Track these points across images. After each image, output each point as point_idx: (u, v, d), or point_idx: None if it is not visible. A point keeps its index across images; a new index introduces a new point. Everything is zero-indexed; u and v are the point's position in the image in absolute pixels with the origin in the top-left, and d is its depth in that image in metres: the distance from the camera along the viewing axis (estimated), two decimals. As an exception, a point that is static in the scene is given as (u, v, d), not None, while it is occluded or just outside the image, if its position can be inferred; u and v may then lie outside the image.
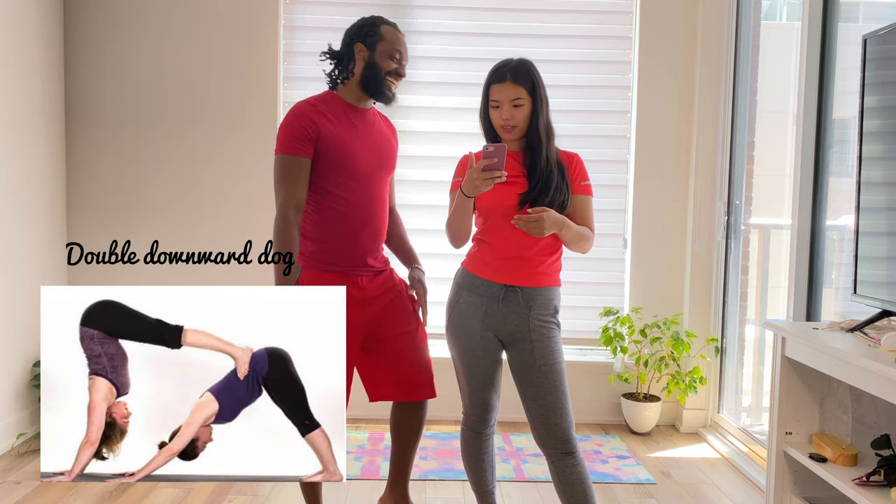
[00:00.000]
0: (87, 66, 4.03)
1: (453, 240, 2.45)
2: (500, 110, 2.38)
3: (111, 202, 4.08)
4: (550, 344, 2.36)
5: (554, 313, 2.41)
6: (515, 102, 2.36)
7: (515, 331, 2.38)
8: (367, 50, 2.50)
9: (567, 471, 2.36)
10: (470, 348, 2.43)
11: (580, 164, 2.46)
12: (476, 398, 2.47)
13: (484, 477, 2.57)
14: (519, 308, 2.37)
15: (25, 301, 3.65)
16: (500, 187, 2.34)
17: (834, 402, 2.63)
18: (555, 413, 2.34)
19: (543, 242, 2.37)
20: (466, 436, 2.54)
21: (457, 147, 4.16)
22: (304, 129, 2.43)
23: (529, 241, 2.35)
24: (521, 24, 4.13)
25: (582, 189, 2.42)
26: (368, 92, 2.52)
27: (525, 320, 2.37)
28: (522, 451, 3.67)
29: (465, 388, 2.49)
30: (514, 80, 2.37)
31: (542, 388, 2.35)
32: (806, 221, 3.11)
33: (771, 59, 4.00)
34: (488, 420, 2.51)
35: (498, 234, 2.39)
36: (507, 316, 2.38)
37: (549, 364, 2.35)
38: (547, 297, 2.39)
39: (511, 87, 2.37)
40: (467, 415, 2.52)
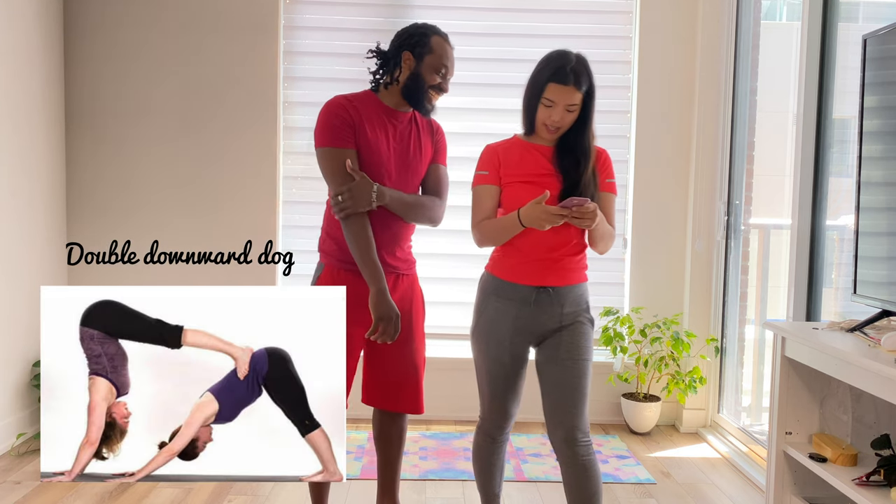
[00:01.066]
0: (87, 66, 4.03)
1: (484, 244, 2.44)
2: (552, 110, 2.30)
3: (111, 202, 4.08)
4: (580, 340, 2.35)
5: (586, 309, 2.40)
6: (570, 108, 2.29)
7: (547, 330, 2.36)
8: (413, 60, 2.46)
9: (570, 465, 2.31)
10: (497, 356, 2.39)
11: (608, 161, 2.42)
12: (496, 404, 2.43)
13: (492, 481, 2.54)
14: (551, 308, 2.34)
15: (25, 301, 3.65)
16: (532, 189, 2.31)
17: (834, 402, 2.63)
18: (566, 409, 2.31)
19: (572, 241, 2.34)
20: (480, 440, 2.52)
21: (457, 147, 4.16)
22: (343, 120, 2.42)
23: (559, 241, 2.32)
24: (521, 24, 4.13)
25: (607, 186, 2.40)
26: (409, 101, 2.50)
27: (557, 318, 2.35)
28: (522, 451, 3.67)
29: (486, 393, 2.45)
30: (577, 85, 2.28)
31: (559, 383, 2.33)
32: (806, 221, 3.11)
33: (771, 59, 4.01)
34: (504, 427, 2.48)
35: (528, 236, 2.33)
36: (538, 318, 2.35)
37: (573, 359, 2.33)
38: (577, 293, 2.38)
39: (572, 93, 2.28)
40: (484, 419, 2.49)
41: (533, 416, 4.15)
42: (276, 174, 4.09)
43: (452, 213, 4.19)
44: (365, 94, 2.53)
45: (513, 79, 4.15)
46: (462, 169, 4.18)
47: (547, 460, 3.54)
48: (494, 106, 4.15)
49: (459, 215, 4.19)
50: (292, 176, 4.15)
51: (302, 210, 4.16)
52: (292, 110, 4.13)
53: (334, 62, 4.12)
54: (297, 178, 4.15)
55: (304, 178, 4.15)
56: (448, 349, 4.24)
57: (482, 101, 4.16)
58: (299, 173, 4.15)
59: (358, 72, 4.13)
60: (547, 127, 2.33)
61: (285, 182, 4.14)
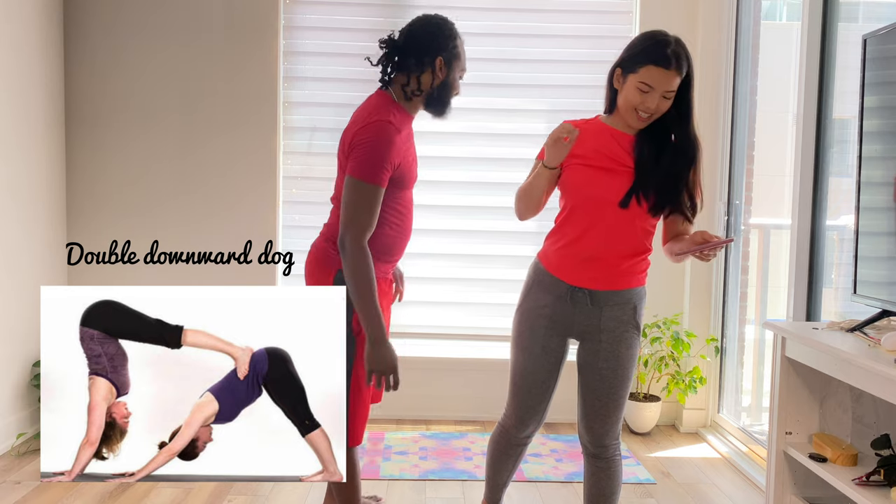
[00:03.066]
0: (87, 66, 4.03)
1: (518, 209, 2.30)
2: (647, 96, 2.09)
3: (111, 202, 4.08)
4: (619, 348, 2.22)
5: (632, 315, 2.23)
6: (668, 94, 2.10)
7: (585, 330, 2.24)
8: (446, 68, 2.30)
9: (593, 471, 2.31)
10: (528, 346, 2.28)
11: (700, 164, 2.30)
12: (518, 398, 2.33)
13: (501, 475, 2.49)
14: (588, 309, 2.21)
15: (25, 301, 3.65)
16: (599, 174, 2.13)
17: (834, 402, 2.63)
18: (597, 416, 2.26)
19: (630, 244, 2.18)
20: (498, 434, 2.44)
21: (457, 147, 4.17)
22: (391, 162, 2.22)
23: (611, 241, 2.16)
24: (521, 24, 4.13)
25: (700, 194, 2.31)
26: (432, 109, 2.34)
27: (597, 321, 2.22)
28: (522, 451, 3.67)
29: (513, 387, 2.34)
30: (679, 68, 2.08)
31: (595, 390, 2.25)
32: (806, 221, 3.11)
33: (771, 59, 4.00)
34: (521, 426, 2.36)
35: (578, 224, 2.18)
36: (575, 316, 2.23)
37: (612, 369, 2.22)
38: (623, 298, 2.22)
39: (673, 76, 2.08)
40: (506, 414, 2.40)
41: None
42: (276, 174, 4.09)
43: (451, 213, 4.20)
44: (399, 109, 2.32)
45: (513, 79, 4.15)
46: (462, 169, 4.18)
47: (546, 460, 3.53)
48: (495, 106, 4.15)
49: (459, 215, 4.20)
50: (292, 176, 4.15)
51: (302, 210, 4.16)
52: (292, 110, 4.13)
53: (334, 62, 4.12)
54: (297, 178, 4.15)
55: (304, 178, 4.15)
56: (447, 349, 4.24)
57: (482, 101, 4.15)
58: (299, 173, 4.15)
59: (358, 72, 4.13)
60: (638, 114, 2.12)
61: (285, 182, 4.14)
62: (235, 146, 4.07)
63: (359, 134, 2.24)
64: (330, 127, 4.14)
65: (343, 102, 4.13)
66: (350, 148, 2.26)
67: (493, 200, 4.15)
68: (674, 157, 2.17)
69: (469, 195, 4.17)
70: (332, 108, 4.13)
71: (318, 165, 4.15)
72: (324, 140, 4.15)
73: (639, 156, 2.15)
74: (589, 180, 2.16)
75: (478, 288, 4.16)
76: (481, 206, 4.17)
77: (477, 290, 4.16)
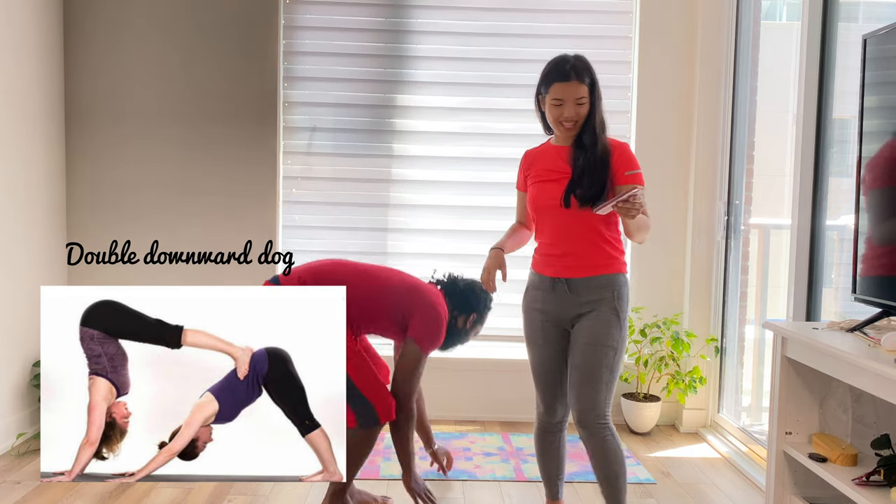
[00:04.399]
0: (87, 66, 4.03)
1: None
2: (562, 108, 2.43)
3: (111, 202, 4.08)
4: (596, 327, 2.44)
5: (611, 299, 2.45)
6: (579, 101, 2.42)
7: (573, 318, 2.50)
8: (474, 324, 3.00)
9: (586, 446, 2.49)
10: (532, 339, 2.59)
11: (625, 154, 2.47)
12: (539, 387, 2.63)
13: (547, 465, 2.72)
14: (569, 297, 2.48)
15: (25, 301, 3.65)
16: (545, 185, 2.49)
17: (834, 402, 2.63)
18: (577, 392, 2.46)
19: (587, 236, 2.45)
20: (536, 425, 2.72)
21: (457, 147, 4.17)
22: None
23: (569, 236, 2.46)
24: (521, 24, 4.13)
25: (627, 179, 2.43)
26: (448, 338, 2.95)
27: (577, 306, 2.48)
28: (522, 450, 3.67)
29: (533, 378, 2.65)
30: (579, 78, 2.42)
31: (575, 366, 2.47)
32: (806, 221, 3.11)
33: (771, 59, 4.00)
34: (552, 412, 2.64)
35: (544, 230, 2.53)
36: (561, 304, 2.50)
37: (591, 344, 2.44)
38: (598, 283, 2.45)
39: (575, 86, 2.42)
40: (537, 405, 2.68)
41: (532, 416, 4.14)
42: (276, 174, 4.09)
43: (450, 213, 4.20)
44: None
45: (513, 79, 4.15)
46: (462, 168, 4.18)
47: (547, 460, 3.53)
48: (494, 106, 4.15)
49: (458, 215, 4.20)
50: (292, 176, 4.15)
51: (302, 210, 4.17)
52: (292, 110, 4.13)
53: (334, 62, 4.12)
54: (297, 178, 4.15)
55: (304, 178, 4.15)
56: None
57: (482, 101, 4.16)
58: (299, 173, 4.15)
59: (358, 72, 4.14)
60: (562, 124, 2.45)
61: (285, 182, 4.14)
62: (235, 146, 4.07)
63: (429, 310, 2.76)
64: (330, 127, 4.15)
65: (343, 102, 4.13)
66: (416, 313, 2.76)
67: (492, 200, 4.16)
68: (586, 157, 2.45)
69: (468, 195, 4.17)
70: (332, 108, 4.13)
71: (318, 165, 4.15)
72: (324, 140, 4.15)
73: (572, 161, 2.47)
74: (539, 192, 2.52)
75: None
76: (481, 206, 4.17)
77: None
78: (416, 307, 2.76)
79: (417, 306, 2.76)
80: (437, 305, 2.79)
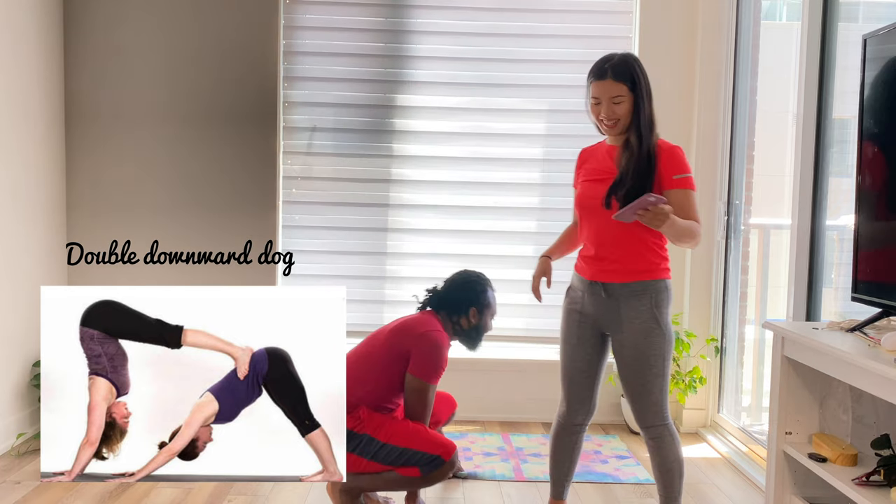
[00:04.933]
0: (87, 66, 4.03)
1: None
2: (600, 106, 2.43)
3: (111, 202, 4.08)
4: (638, 339, 2.44)
5: (650, 306, 2.45)
6: (615, 100, 2.41)
7: (610, 323, 2.51)
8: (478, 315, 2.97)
9: (649, 446, 2.55)
10: (567, 338, 2.60)
11: (673, 157, 2.45)
12: (564, 386, 2.63)
13: (558, 465, 2.71)
14: (606, 301, 2.49)
15: (25, 301, 3.65)
16: (591, 185, 2.48)
17: (834, 402, 2.63)
18: (631, 400, 2.53)
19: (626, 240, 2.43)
20: (554, 422, 2.71)
21: (456, 147, 4.17)
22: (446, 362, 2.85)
23: (608, 238, 2.45)
24: (521, 24, 4.13)
25: (675, 183, 2.42)
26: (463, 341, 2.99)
27: (616, 314, 2.48)
28: (522, 451, 3.67)
29: (561, 377, 2.65)
30: (615, 77, 2.41)
31: (624, 378, 2.52)
32: (806, 221, 3.10)
33: (771, 59, 4.00)
34: (573, 412, 2.63)
35: (585, 230, 2.54)
36: (598, 308, 2.51)
37: (632, 357, 2.46)
38: (635, 290, 2.45)
39: (611, 85, 2.41)
40: (560, 403, 2.67)
41: (532, 416, 4.15)
42: (276, 174, 4.09)
43: (450, 213, 4.20)
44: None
45: (513, 79, 4.15)
46: (462, 168, 4.18)
47: (547, 460, 3.51)
48: (494, 106, 4.15)
49: (458, 215, 4.20)
50: (292, 176, 4.15)
51: (302, 210, 4.17)
52: (292, 110, 4.13)
53: (334, 62, 4.12)
54: (296, 178, 4.15)
55: (304, 178, 4.16)
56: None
57: (482, 101, 4.15)
58: (299, 173, 4.15)
59: (358, 72, 4.14)
60: (603, 123, 2.46)
61: (285, 182, 4.14)
62: (235, 146, 4.07)
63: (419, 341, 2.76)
64: (330, 127, 4.15)
65: (343, 102, 4.13)
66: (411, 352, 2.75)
67: (492, 200, 4.16)
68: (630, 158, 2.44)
69: (469, 195, 4.17)
70: (332, 108, 4.14)
71: (318, 165, 4.15)
72: (324, 140, 4.15)
73: (617, 162, 2.46)
74: (584, 191, 2.52)
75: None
76: (481, 206, 4.17)
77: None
78: (408, 346, 2.77)
79: (409, 345, 2.77)
80: (429, 333, 2.78)
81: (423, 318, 2.87)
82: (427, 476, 2.70)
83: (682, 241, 2.40)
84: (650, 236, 2.44)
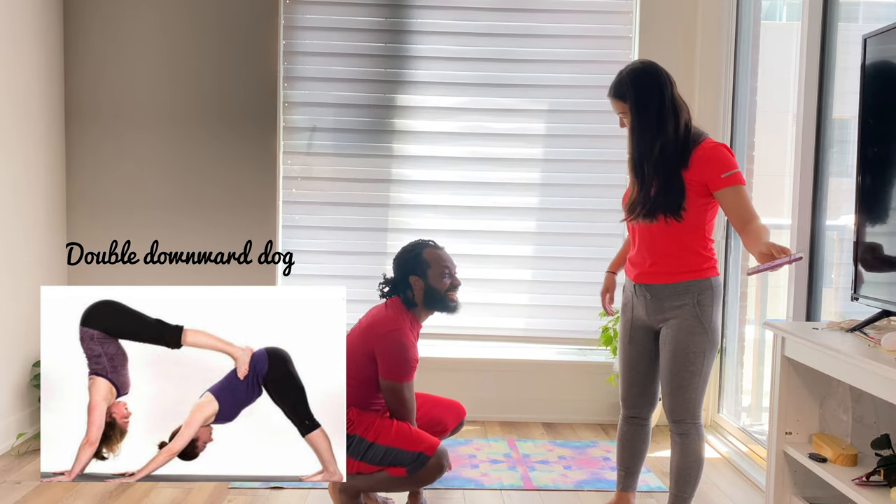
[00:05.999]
0: (87, 66, 4.03)
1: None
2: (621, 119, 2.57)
3: (111, 202, 4.08)
4: (679, 334, 2.50)
5: (692, 306, 2.50)
6: (623, 115, 2.53)
7: (657, 322, 2.58)
8: (421, 280, 2.80)
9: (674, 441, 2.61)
10: (622, 338, 2.72)
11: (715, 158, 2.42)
12: (621, 382, 2.76)
13: (622, 454, 2.79)
14: (651, 302, 2.57)
15: (25, 301, 3.65)
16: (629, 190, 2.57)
17: (834, 402, 2.63)
18: (666, 394, 2.59)
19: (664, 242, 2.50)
20: (620, 418, 2.81)
21: (456, 147, 4.17)
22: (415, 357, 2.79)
23: (647, 241, 2.53)
24: (521, 24, 4.13)
25: (724, 182, 2.41)
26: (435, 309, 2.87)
27: (661, 314, 2.55)
28: (529, 457, 3.58)
29: (619, 373, 2.77)
30: (612, 94, 2.54)
31: (663, 371, 2.59)
32: (806, 221, 3.10)
33: (771, 59, 4.00)
34: (631, 406, 2.74)
35: (630, 233, 2.66)
36: (645, 309, 2.60)
37: (672, 351, 2.52)
38: (677, 290, 2.51)
39: (613, 102, 2.54)
40: (620, 398, 2.78)
41: (532, 416, 4.15)
42: (276, 174, 4.09)
43: (450, 213, 4.20)
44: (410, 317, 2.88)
45: (513, 79, 4.15)
46: (462, 168, 4.18)
47: (555, 468, 3.47)
48: (494, 106, 4.15)
49: (458, 215, 4.20)
50: (292, 176, 4.15)
51: (302, 210, 4.17)
52: (292, 110, 4.13)
53: (334, 62, 4.12)
54: (296, 178, 4.15)
55: (304, 178, 4.16)
56: (447, 350, 4.24)
57: (482, 101, 4.15)
58: (299, 173, 4.15)
59: (358, 72, 4.14)
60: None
61: (285, 182, 4.14)
62: (235, 146, 4.07)
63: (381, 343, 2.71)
64: (330, 127, 4.15)
65: (343, 102, 4.13)
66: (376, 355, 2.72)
67: (492, 200, 4.16)
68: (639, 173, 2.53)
69: (469, 195, 4.17)
70: (332, 108, 4.13)
71: (318, 165, 4.15)
72: (324, 140, 4.15)
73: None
74: (624, 198, 2.63)
75: (477, 288, 4.16)
76: (481, 205, 4.17)
77: (476, 289, 4.16)
78: (373, 348, 2.72)
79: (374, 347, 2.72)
80: (390, 334, 2.71)
81: (385, 316, 2.78)
82: (414, 475, 2.67)
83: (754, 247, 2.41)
84: (692, 239, 2.49)
